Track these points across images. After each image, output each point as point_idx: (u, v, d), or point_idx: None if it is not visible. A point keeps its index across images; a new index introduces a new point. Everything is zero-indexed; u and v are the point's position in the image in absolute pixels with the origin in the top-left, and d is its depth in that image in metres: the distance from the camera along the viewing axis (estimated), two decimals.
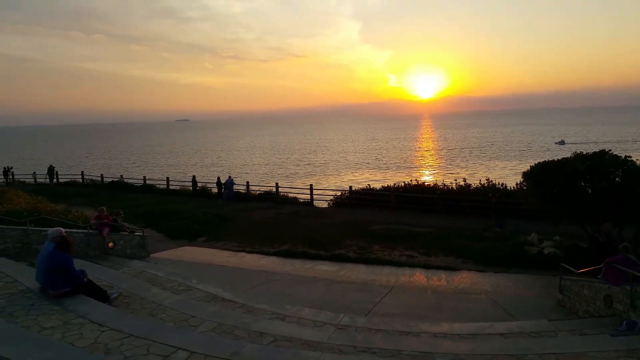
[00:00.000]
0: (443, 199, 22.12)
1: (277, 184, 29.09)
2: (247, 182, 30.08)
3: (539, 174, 13.86)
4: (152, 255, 15.08)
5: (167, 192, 31.26)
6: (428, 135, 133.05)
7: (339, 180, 45.28)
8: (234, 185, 28.50)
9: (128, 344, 5.66)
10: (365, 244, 16.07)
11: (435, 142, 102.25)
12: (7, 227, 11.70)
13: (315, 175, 50.66)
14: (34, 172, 39.68)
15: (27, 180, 38.78)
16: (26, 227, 11.92)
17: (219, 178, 29.60)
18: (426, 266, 13.41)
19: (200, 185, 31.13)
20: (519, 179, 15.51)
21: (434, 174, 50.71)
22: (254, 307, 9.14)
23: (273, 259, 14.78)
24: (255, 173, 52.69)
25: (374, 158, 69.00)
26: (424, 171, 54.45)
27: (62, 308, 6.93)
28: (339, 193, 27.15)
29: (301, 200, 27.29)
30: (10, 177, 38.00)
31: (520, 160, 56.14)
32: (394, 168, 56.23)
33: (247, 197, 28.27)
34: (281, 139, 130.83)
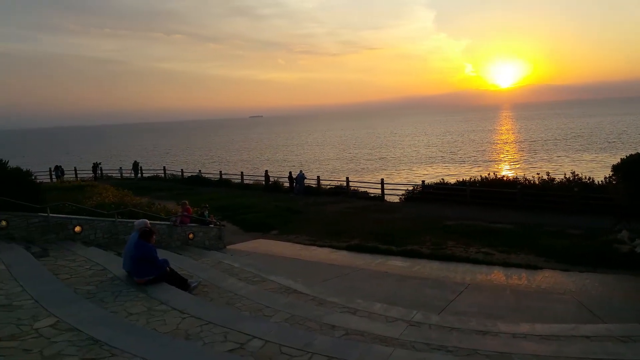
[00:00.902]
0: (524, 193, 21.07)
1: (347, 178, 29.11)
2: (318, 177, 30.35)
3: (631, 167, 12.79)
4: (228, 246, 15.65)
5: (242, 187, 32.28)
6: (507, 127, 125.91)
7: (411, 175, 44.44)
8: (305, 180, 28.86)
9: (207, 330, 5.88)
10: (439, 240, 15.67)
11: (515, 134, 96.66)
12: (97, 218, 12.56)
13: (386, 169, 50.08)
14: (120, 168, 42.44)
15: (114, 175, 41.56)
16: (114, 219, 12.74)
17: (290, 172, 30.12)
18: (505, 264, 12.83)
19: (273, 180, 31.83)
20: (608, 172, 14.42)
21: (514, 168, 48.24)
22: (325, 300, 9.19)
23: (344, 253, 14.80)
24: (326, 168, 53.04)
25: (448, 152, 66.83)
26: (503, 165, 51.96)
27: (146, 295, 7.34)
28: (411, 187, 26.68)
29: (372, 195, 27.12)
30: (99, 172, 40.89)
31: (610, 153, 52.09)
32: (470, 162, 54.16)
33: (318, 191, 28.53)
34: (352, 133, 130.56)
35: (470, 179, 24.64)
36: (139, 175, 40.18)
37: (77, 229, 11.70)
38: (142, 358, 4.62)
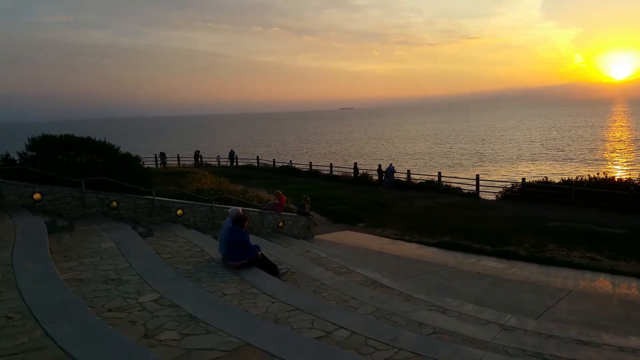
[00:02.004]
0: (637, 196, 19.15)
1: (439, 173, 28.28)
2: (408, 171, 29.81)
3: None
4: (316, 236, 15.89)
5: (330, 178, 32.60)
6: (621, 123, 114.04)
7: (510, 172, 41.98)
8: (395, 173, 28.48)
9: (295, 316, 5.99)
10: (539, 242, 14.72)
11: (630, 131, 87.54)
12: (196, 203, 13.31)
13: (482, 165, 47.86)
14: (218, 156, 44.72)
15: (211, 162, 43.88)
16: (211, 204, 13.42)
17: (380, 165, 29.87)
18: (613, 271, 11.75)
19: (362, 172, 31.78)
20: None
21: (628, 168, 43.87)
22: (412, 297, 9.01)
23: (433, 249, 14.42)
24: (417, 161, 51.92)
25: (553, 148, 62.18)
26: (614, 165, 47.51)
27: (239, 278, 7.65)
28: (509, 185, 25.30)
29: (465, 191, 26.11)
30: (199, 160, 43.39)
31: None
32: (577, 161, 50.00)
33: (408, 185, 28.03)
34: (447, 126, 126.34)
35: (577, 178, 22.84)
36: (235, 163, 42.07)
37: (179, 212, 12.48)
38: (235, 337, 4.80)
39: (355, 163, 33.07)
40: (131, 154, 13.63)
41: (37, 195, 10.16)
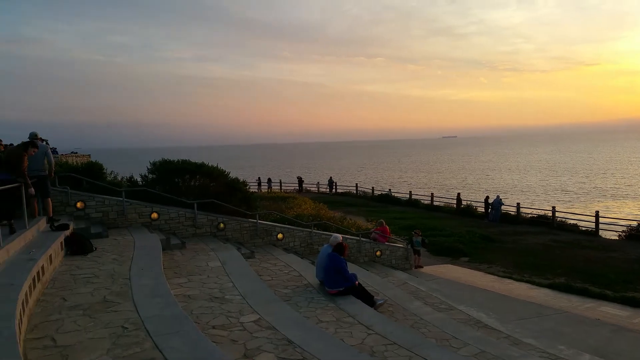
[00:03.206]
0: None
1: (553, 207, 26.25)
2: (518, 204, 28.05)
3: None
4: (414, 268, 15.43)
5: (431, 208, 31.68)
6: None
7: (635, 209, 37.82)
8: (502, 206, 26.98)
9: (392, 351, 5.80)
10: None
11: None
12: (296, 228, 13.62)
13: (602, 200, 43.63)
14: (318, 182, 45.68)
15: (311, 189, 44.87)
16: (310, 230, 13.65)
17: (487, 197, 28.48)
18: None
19: (465, 204, 30.52)
20: None
21: None
22: (521, 341, 8.33)
23: (545, 291, 13.28)
24: (527, 194, 48.73)
25: None
26: None
27: (335, 305, 7.61)
28: (634, 224, 22.74)
29: (583, 228, 23.89)
30: (302, 185, 44.61)
31: None
32: None
33: (517, 219, 26.34)
34: (561, 157, 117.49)
35: None
36: (333, 190, 42.65)
37: (280, 236, 12.85)
38: None
39: (459, 194, 31.86)
40: (239, 179, 14.38)
41: (154, 215, 11.05)
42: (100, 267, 7.24)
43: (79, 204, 10.29)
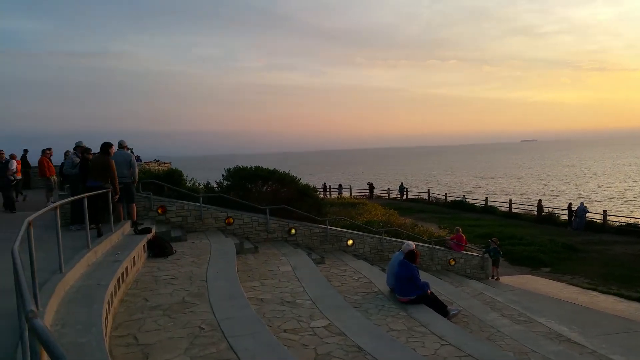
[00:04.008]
0: None
1: None
2: (604, 211, 26.16)
3: None
4: (490, 278, 14.82)
5: (508, 215, 30.29)
6: None
7: None
8: (587, 214, 25.27)
9: None
10: None
11: None
12: (366, 234, 13.55)
13: None
14: (388, 188, 45.17)
15: (382, 194, 44.47)
16: (381, 237, 13.52)
17: (569, 204, 26.81)
18: None
19: (546, 211, 28.89)
20: None
21: None
22: (608, 357, 7.75)
23: (636, 305, 12.28)
24: (615, 201, 45.22)
25: None
26: None
27: (407, 314, 7.47)
28: None
29: None
30: (372, 191, 44.34)
31: None
32: None
33: (603, 228, 24.56)
34: None
35: None
36: (404, 196, 42.00)
37: (349, 242, 12.84)
38: None
39: (540, 200, 30.22)
40: (309, 185, 14.57)
41: (229, 220, 11.45)
42: (179, 269, 7.60)
43: (160, 209, 10.89)
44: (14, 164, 12.74)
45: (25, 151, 19.13)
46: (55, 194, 12.47)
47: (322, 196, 22.49)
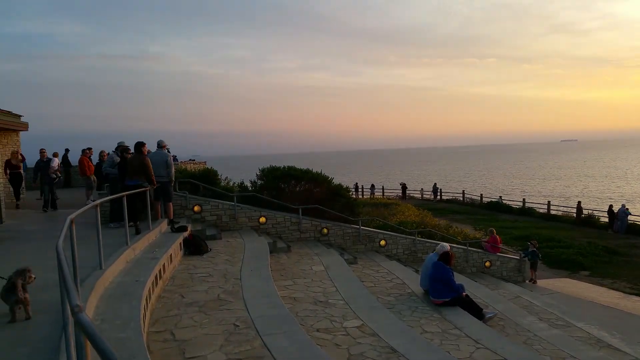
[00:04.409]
0: None
1: None
2: None
3: None
4: (528, 281, 14.46)
5: (547, 217, 29.48)
6: None
7: None
8: (629, 216, 24.34)
9: None
10: None
11: None
12: (399, 235, 13.44)
13: None
14: (422, 189, 44.62)
15: (415, 195, 43.99)
16: (414, 237, 13.39)
17: (610, 206, 25.89)
18: None
19: (586, 213, 27.97)
20: None
21: None
22: None
23: None
24: None
25: None
26: None
27: (441, 316, 7.37)
28: None
29: None
30: (406, 192, 43.91)
31: None
32: None
33: None
34: None
35: None
36: (438, 197, 41.42)
37: (382, 242, 12.76)
38: None
39: (579, 202, 29.30)
40: (342, 185, 14.55)
41: (262, 219, 11.57)
42: (214, 267, 7.73)
43: (196, 208, 11.10)
44: (56, 162, 13.18)
45: (67, 150, 19.81)
46: (94, 192, 12.86)
47: (354, 196, 22.42)
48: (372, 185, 44.59)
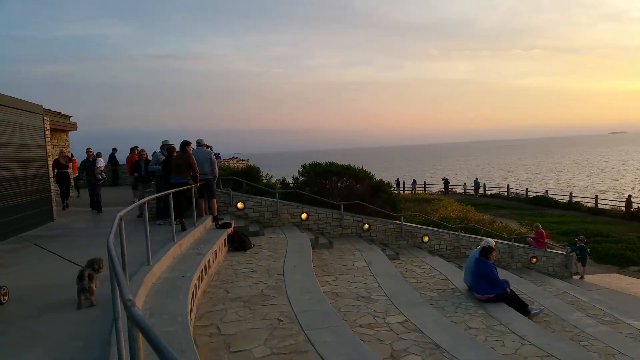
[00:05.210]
0: None
1: None
2: None
3: None
4: (575, 276, 14.02)
5: (594, 212, 28.38)
6: None
7: None
8: None
9: None
10: None
11: None
12: (442, 230, 13.28)
13: None
14: (464, 184, 43.82)
15: (457, 190, 43.23)
16: (457, 233, 13.21)
17: None
18: None
19: (636, 207, 26.75)
20: None
21: None
22: None
23: None
24: None
25: None
26: None
27: (485, 312, 7.28)
28: None
29: None
30: (444, 187, 43.24)
31: None
32: None
33: None
34: None
35: None
36: (480, 191, 40.57)
37: (425, 238, 12.66)
38: None
39: (629, 196, 28.05)
40: (383, 181, 14.50)
41: (304, 215, 11.69)
42: (257, 262, 7.90)
43: (239, 205, 11.35)
44: (101, 162, 13.17)
45: (114, 150, 20.50)
46: (141, 190, 13.22)
47: (395, 192, 22.26)
48: (414, 181, 44.14)
